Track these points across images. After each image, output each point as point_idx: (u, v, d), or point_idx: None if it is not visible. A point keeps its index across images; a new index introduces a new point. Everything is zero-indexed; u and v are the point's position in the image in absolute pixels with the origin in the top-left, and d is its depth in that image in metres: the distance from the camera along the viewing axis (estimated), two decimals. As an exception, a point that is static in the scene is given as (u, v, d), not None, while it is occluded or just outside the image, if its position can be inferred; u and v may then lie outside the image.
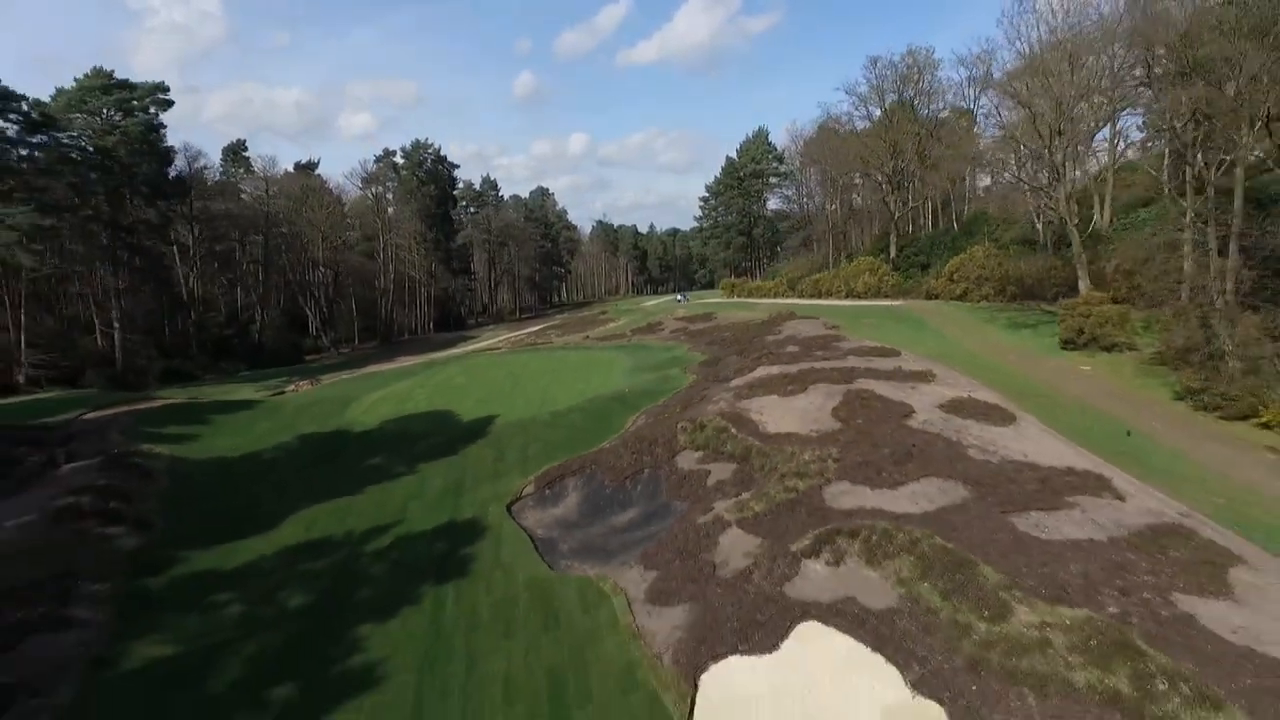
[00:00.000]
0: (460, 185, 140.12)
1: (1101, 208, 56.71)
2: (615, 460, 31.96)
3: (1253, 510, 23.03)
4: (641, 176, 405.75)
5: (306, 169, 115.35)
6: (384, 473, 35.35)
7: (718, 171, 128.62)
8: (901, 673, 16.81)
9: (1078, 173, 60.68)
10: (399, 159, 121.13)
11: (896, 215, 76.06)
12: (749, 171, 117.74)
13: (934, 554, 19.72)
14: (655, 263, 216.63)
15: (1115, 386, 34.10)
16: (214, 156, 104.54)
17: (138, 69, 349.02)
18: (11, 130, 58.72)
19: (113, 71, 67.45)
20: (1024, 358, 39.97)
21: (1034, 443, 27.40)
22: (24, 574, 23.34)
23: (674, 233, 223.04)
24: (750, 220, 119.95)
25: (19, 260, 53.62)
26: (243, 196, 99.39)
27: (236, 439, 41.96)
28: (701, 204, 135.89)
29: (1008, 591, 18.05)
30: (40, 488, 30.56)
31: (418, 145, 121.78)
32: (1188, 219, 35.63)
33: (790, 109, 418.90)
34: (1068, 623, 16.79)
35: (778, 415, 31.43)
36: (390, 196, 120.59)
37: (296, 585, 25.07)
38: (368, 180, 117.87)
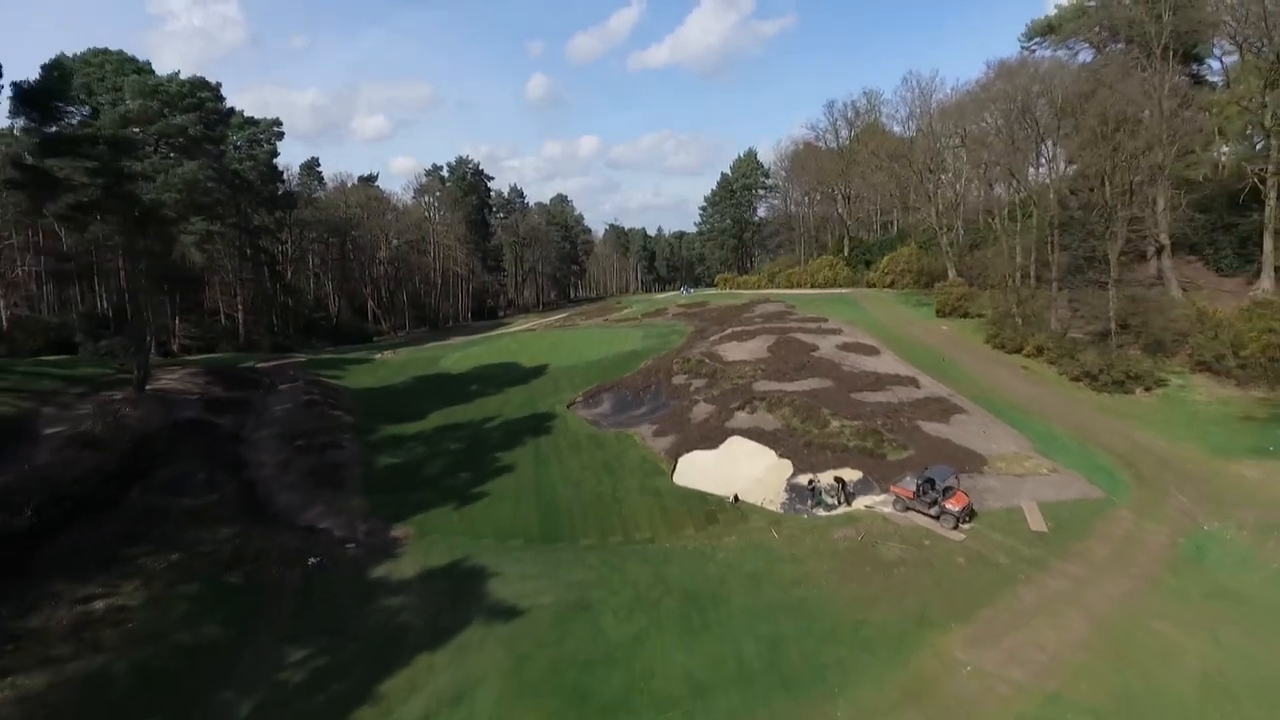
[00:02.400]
0: (493, 194, 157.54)
1: (995, 218, 73.11)
2: (633, 382, 48.98)
3: (991, 395, 39.89)
4: (651, 178, 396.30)
5: (368, 181, 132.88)
6: (481, 393, 52.49)
7: (725, 176, 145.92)
8: (775, 451, 33.78)
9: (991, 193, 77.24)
10: (444, 173, 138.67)
11: (849, 223, 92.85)
12: (740, 185, 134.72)
13: (802, 405, 36.73)
14: (663, 263, 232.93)
15: (954, 336, 50.88)
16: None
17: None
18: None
19: (243, 110, 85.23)
20: (910, 322, 56.76)
21: (885, 364, 44.33)
22: (307, 428, 40.71)
23: (680, 235, 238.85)
24: (741, 226, 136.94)
25: (194, 257, 71.10)
26: (315, 204, 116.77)
27: (370, 378, 59.29)
28: (700, 211, 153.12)
29: (832, 417, 35.09)
30: (276, 394, 47.95)
31: (461, 161, 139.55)
32: (1016, 229, 52.16)
33: (800, 110, 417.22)
34: (854, 426, 33.83)
35: (734, 352, 48.48)
36: (436, 204, 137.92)
37: (450, 440, 42.27)
38: (419, 191, 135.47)
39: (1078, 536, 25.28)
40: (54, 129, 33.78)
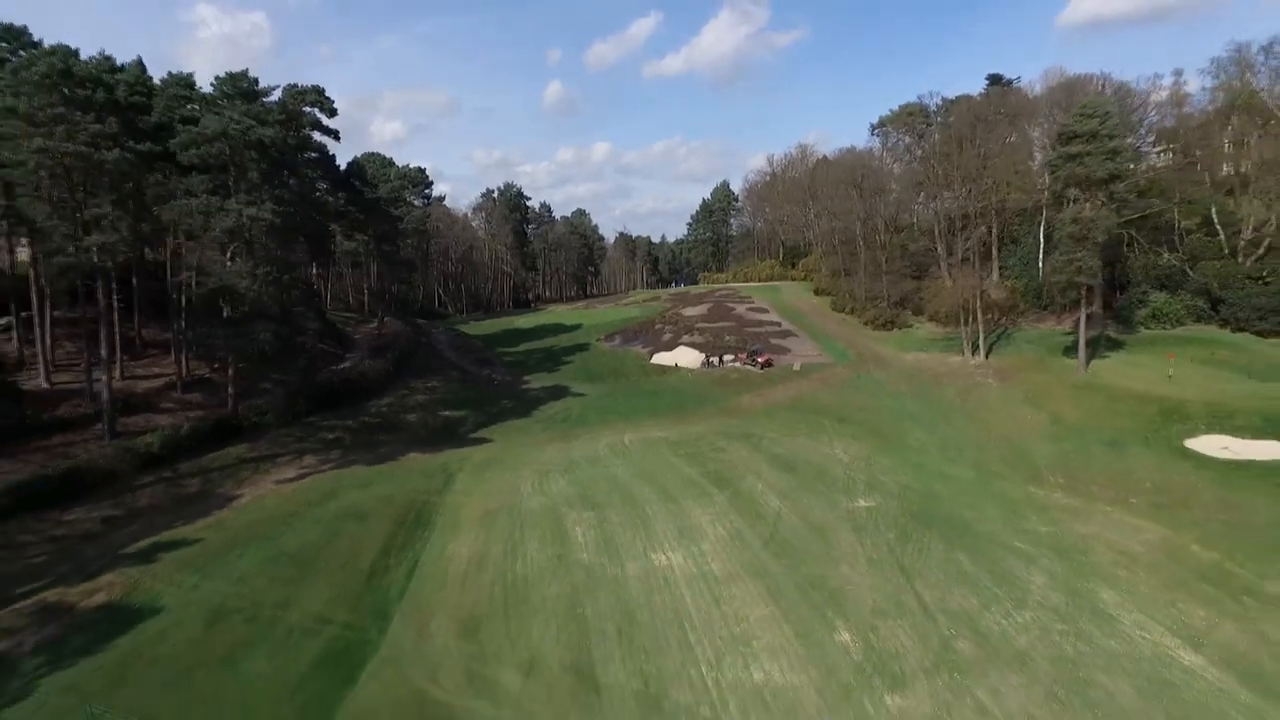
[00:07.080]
0: (529, 211, 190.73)
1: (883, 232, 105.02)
2: (632, 329, 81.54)
3: (816, 330, 72.29)
4: (662, 184, 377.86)
5: (438, 200, 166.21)
6: (545, 336, 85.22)
7: (732, 183, 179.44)
8: (697, 350, 66.42)
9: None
10: (495, 195, 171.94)
11: (783, 237, 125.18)
12: (717, 207, 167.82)
13: (716, 332, 69.41)
14: (665, 266, 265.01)
15: (816, 305, 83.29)
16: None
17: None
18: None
19: (392, 159, 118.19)
20: (799, 298, 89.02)
21: (768, 317, 76.79)
22: (461, 344, 73.60)
23: (681, 241, 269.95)
24: (718, 237, 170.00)
25: (360, 261, 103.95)
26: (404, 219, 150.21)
27: (473, 330, 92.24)
28: (688, 226, 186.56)
29: (729, 335, 67.85)
30: (433, 333, 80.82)
31: (508, 186, 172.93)
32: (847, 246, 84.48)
33: (811, 117, 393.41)
34: (737, 339, 66.57)
35: (689, 312, 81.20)
36: (488, 219, 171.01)
37: (535, 354, 75.00)
38: (477, 209, 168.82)
39: (811, 373, 57.73)
40: (344, 193, 66.52)
